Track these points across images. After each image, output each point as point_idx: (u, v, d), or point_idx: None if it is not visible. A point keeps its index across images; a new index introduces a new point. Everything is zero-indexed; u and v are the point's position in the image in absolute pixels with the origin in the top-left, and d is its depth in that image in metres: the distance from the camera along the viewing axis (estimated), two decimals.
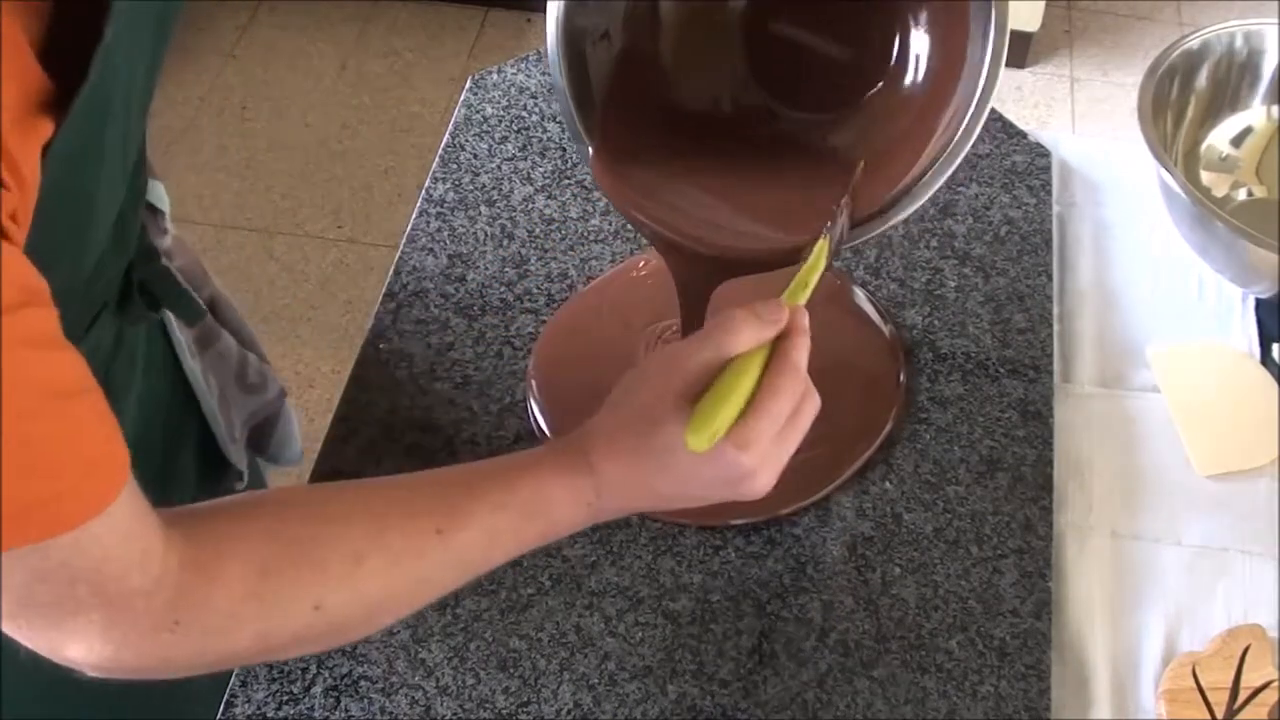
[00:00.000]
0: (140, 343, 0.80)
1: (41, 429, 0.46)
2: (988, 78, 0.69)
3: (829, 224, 0.70)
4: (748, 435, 0.61)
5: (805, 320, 0.64)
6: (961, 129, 0.70)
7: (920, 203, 0.72)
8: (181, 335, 0.85)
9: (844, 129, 0.77)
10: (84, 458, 0.49)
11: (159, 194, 0.83)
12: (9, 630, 0.53)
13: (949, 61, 0.72)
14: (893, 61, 0.76)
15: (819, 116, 0.78)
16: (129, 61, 0.55)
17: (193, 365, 0.86)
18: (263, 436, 0.97)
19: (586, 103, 0.75)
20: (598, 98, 0.75)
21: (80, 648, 0.53)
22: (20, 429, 0.45)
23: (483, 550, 0.62)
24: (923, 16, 0.75)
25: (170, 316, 0.83)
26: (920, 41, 0.75)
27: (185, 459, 0.88)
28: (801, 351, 0.63)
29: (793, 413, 0.63)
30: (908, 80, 0.76)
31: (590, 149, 0.75)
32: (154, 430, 0.83)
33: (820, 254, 0.69)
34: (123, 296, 0.75)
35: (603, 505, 0.64)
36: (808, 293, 0.67)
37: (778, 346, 0.63)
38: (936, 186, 0.71)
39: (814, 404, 0.64)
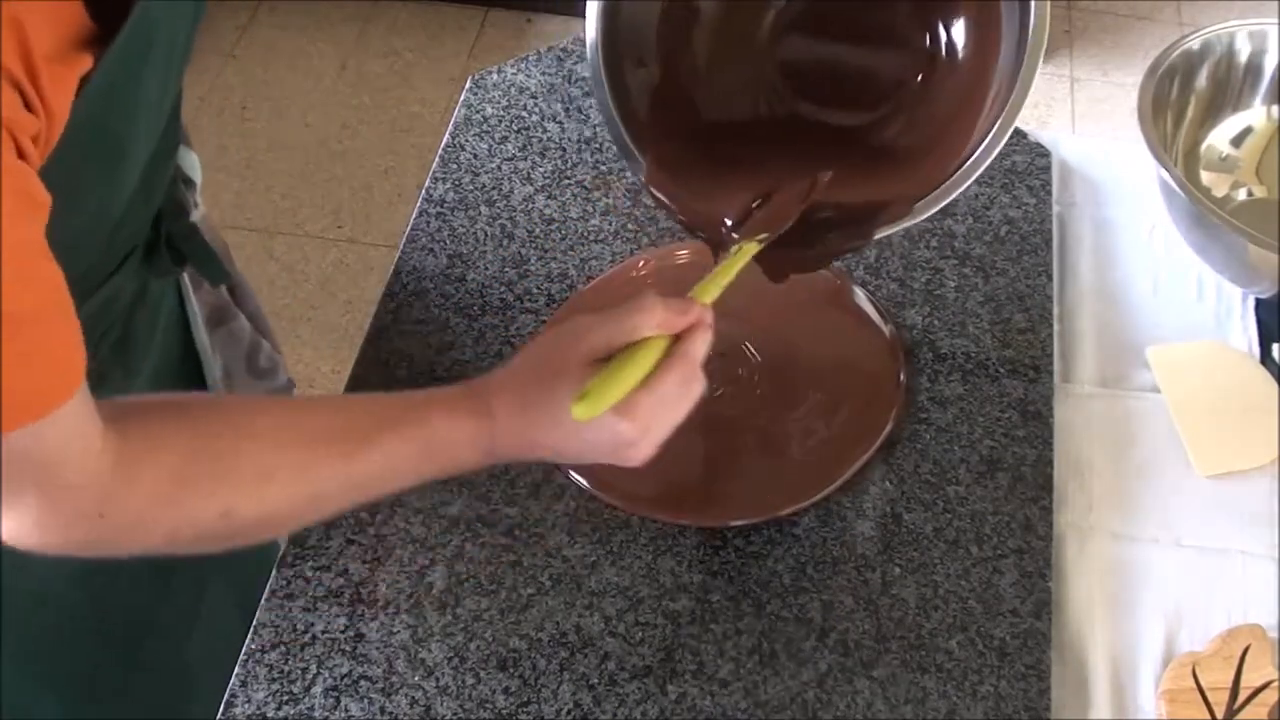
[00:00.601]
0: (162, 302, 0.83)
1: (24, 332, 0.50)
2: (1025, 72, 0.70)
3: (754, 228, 0.71)
4: (632, 407, 0.64)
5: (710, 317, 0.68)
6: (997, 125, 0.72)
7: (952, 197, 0.74)
8: (197, 307, 0.87)
9: (885, 125, 0.79)
10: (53, 357, 0.53)
11: (192, 163, 0.85)
12: None
13: (984, 57, 0.72)
14: (927, 58, 0.77)
15: (857, 116, 0.79)
16: (169, 15, 0.60)
17: (203, 338, 0.87)
18: None
19: (631, 121, 0.77)
20: (643, 116, 0.76)
21: (13, 525, 0.58)
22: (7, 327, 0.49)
23: (382, 478, 0.67)
24: (956, 12, 0.75)
25: (188, 289, 0.85)
26: (955, 37, 0.75)
27: None
28: (700, 345, 0.67)
29: (677, 396, 0.66)
30: (944, 76, 0.76)
31: (643, 164, 0.76)
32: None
33: (739, 256, 0.71)
34: (150, 249, 0.79)
35: (496, 449, 0.68)
36: (718, 291, 0.70)
37: (679, 337, 0.66)
38: (971, 180, 0.73)
39: (698, 390, 0.67)
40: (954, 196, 0.74)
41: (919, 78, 0.78)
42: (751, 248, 0.71)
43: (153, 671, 0.94)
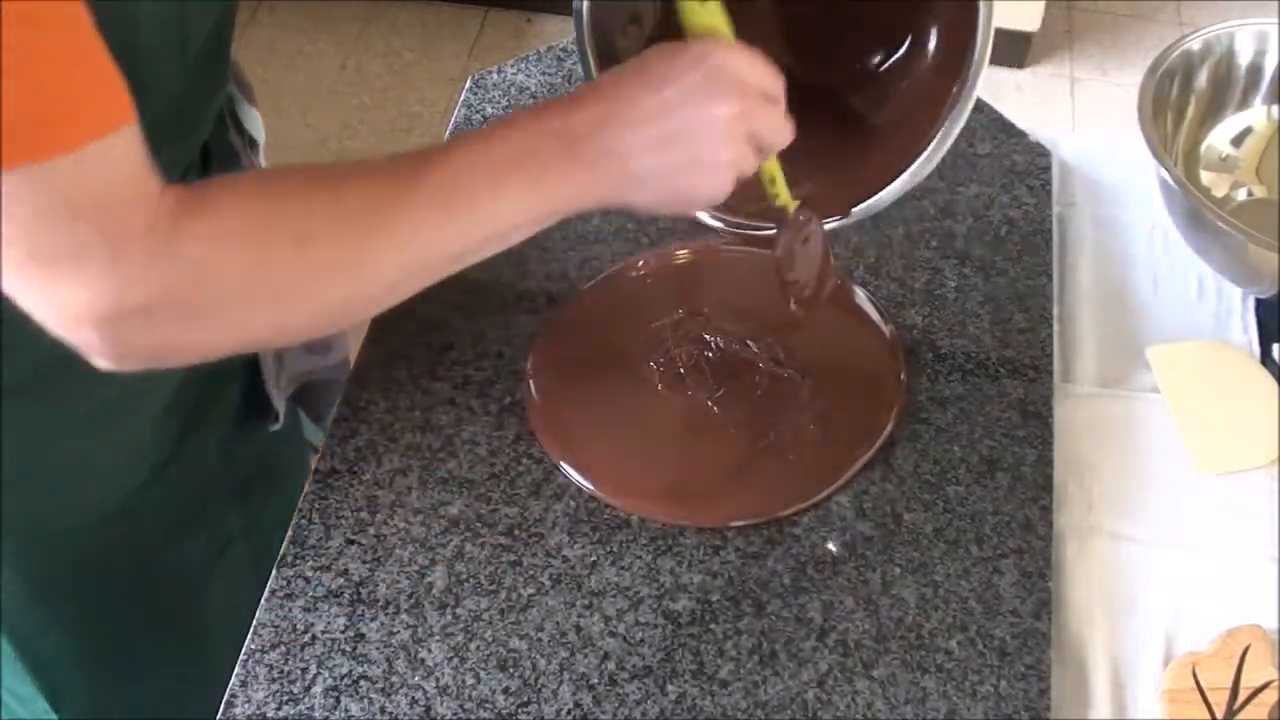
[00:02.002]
0: None
1: (52, 41, 0.48)
2: (981, 40, 0.71)
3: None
4: (722, 42, 0.64)
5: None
6: (960, 99, 0.73)
7: (932, 166, 0.74)
8: None
9: (865, 94, 0.79)
10: (93, 78, 0.51)
11: (255, 122, 0.86)
12: (20, 288, 0.55)
13: (963, 30, 0.72)
14: (912, 29, 0.77)
15: (843, 81, 0.79)
16: None
17: None
18: (318, 400, 0.98)
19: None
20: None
21: (86, 292, 0.54)
22: (30, 38, 0.47)
23: (461, 186, 0.63)
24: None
25: None
26: (938, 10, 0.76)
27: (230, 391, 0.90)
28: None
29: (772, 98, 0.66)
30: (927, 47, 0.77)
31: None
32: None
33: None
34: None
35: (573, 125, 0.64)
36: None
37: None
38: (944, 151, 0.74)
39: (788, 124, 0.67)
40: (909, 183, 0.75)
41: (899, 50, 0.78)
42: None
43: (166, 623, 0.94)
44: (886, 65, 0.79)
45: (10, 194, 0.50)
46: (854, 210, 0.78)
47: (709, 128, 0.64)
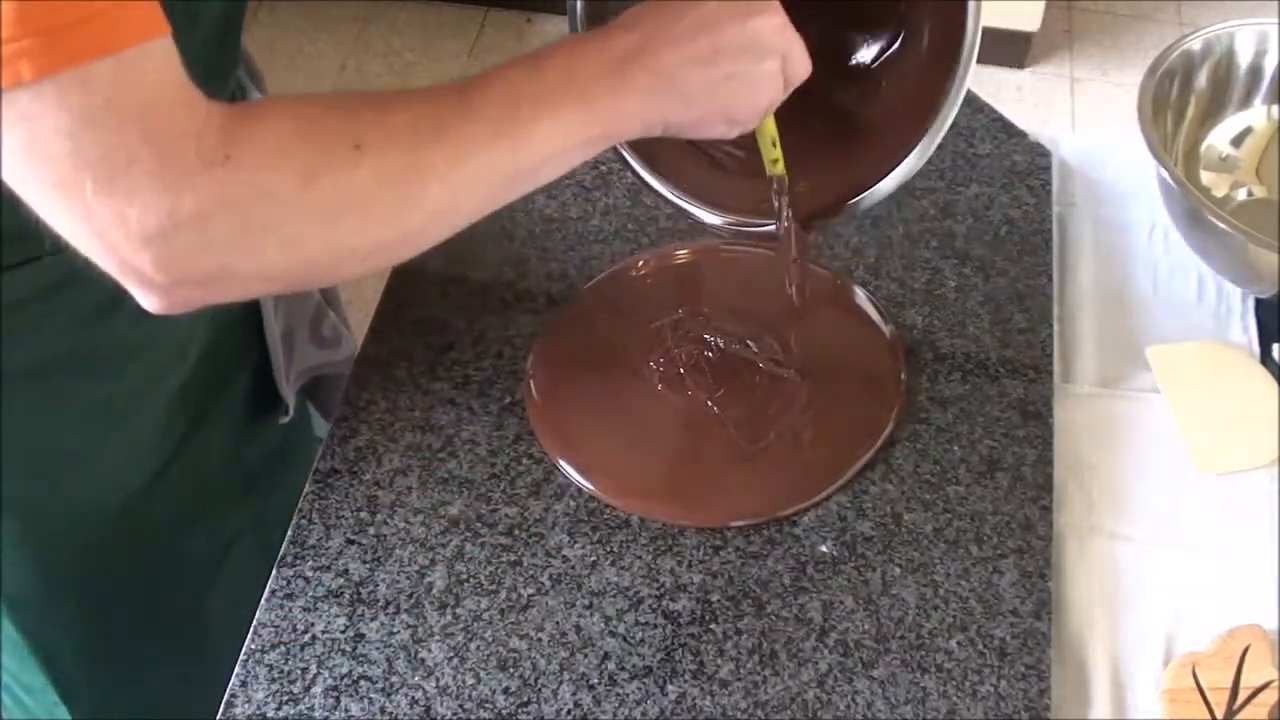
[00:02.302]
0: None
1: None
2: (971, 33, 0.72)
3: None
4: None
5: None
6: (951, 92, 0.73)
7: (923, 161, 0.75)
8: None
9: (857, 90, 0.79)
10: None
11: None
12: (66, 210, 0.52)
13: (954, 23, 0.73)
14: (903, 24, 0.77)
15: (834, 78, 0.79)
16: None
17: (267, 295, 0.87)
18: (329, 396, 0.99)
19: None
20: None
21: (135, 206, 0.52)
22: None
23: (507, 105, 0.61)
24: None
25: None
26: (928, 4, 0.76)
27: (240, 379, 0.91)
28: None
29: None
30: (918, 41, 0.77)
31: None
32: (220, 342, 0.86)
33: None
34: None
35: (617, 46, 0.64)
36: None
37: None
38: (935, 146, 0.74)
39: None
40: (903, 176, 0.75)
41: (890, 46, 0.78)
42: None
43: (173, 617, 0.95)
44: (878, 61, 0.79)
45: (52, 102, 0.49)
46: (847, 206, 0.77)
47: (751, 41, 0.65)
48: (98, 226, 0.52)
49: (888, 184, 0.76)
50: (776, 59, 0.66)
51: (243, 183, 0.54)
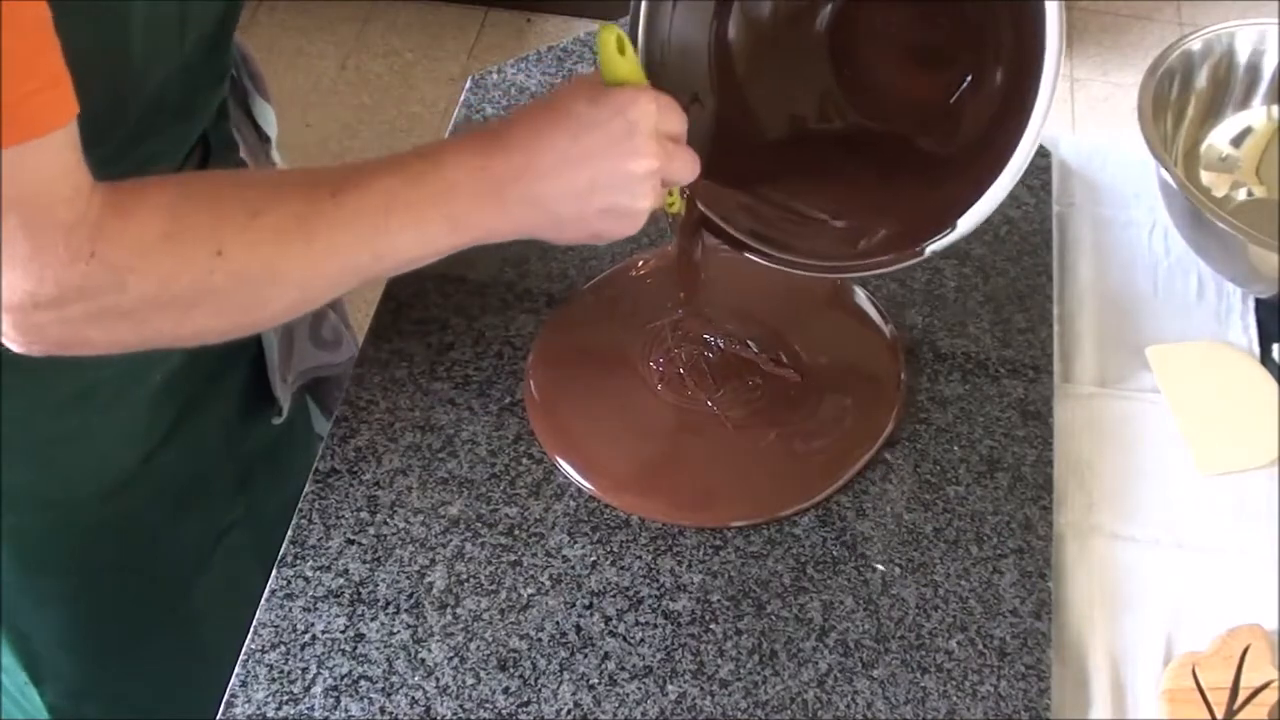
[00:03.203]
0: None
1: (12, 41, 0.50)
2: (1052, 71, 0.70)
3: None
4: (651, 91, 0.67)
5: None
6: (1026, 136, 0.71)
7: (1005, 195, 0.72)
8: None
9: (933, 132, 0.79)
10: (37, 78, 0.53)
11: (268, 117, 0.86)
12: None
13: (1027, 61, 0.71)
14: (974, 62, 0.77)
15: (909, 122, 0.80)
16: None
17: None
18: (331, 394, 0.99)
19: None
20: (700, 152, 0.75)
21: (3, 281, 0.57)
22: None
23: (378, 215, 0.64)
24: (1003, 19, 0.75)
25: None
26: (1001, 42, 0.75)
27: (233, 377, 0.91)
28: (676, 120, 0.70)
29: (679, 141, 0.70)
30: (992, 81, 0.76)
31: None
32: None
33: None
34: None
35: (496, 168, 0.66)
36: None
37: None
38: (1018, 178, 0.72)
39: (696, 160, 0.71)
40: (987, 212, 0.73)
41: (959, 91, 0.78)
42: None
43: (159, 605, 0.95)
44: (951, 101, 0.79)
45: None
46: (929, 248, 0.76)
47: (628, 180, 0.67)
48: None
49: (971, 220, 0.73)
50: (651, 195, 0.68)
51: (104, 278, 0.59)
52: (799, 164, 0.82)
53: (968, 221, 0.73)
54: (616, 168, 0.66)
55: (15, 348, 0.61)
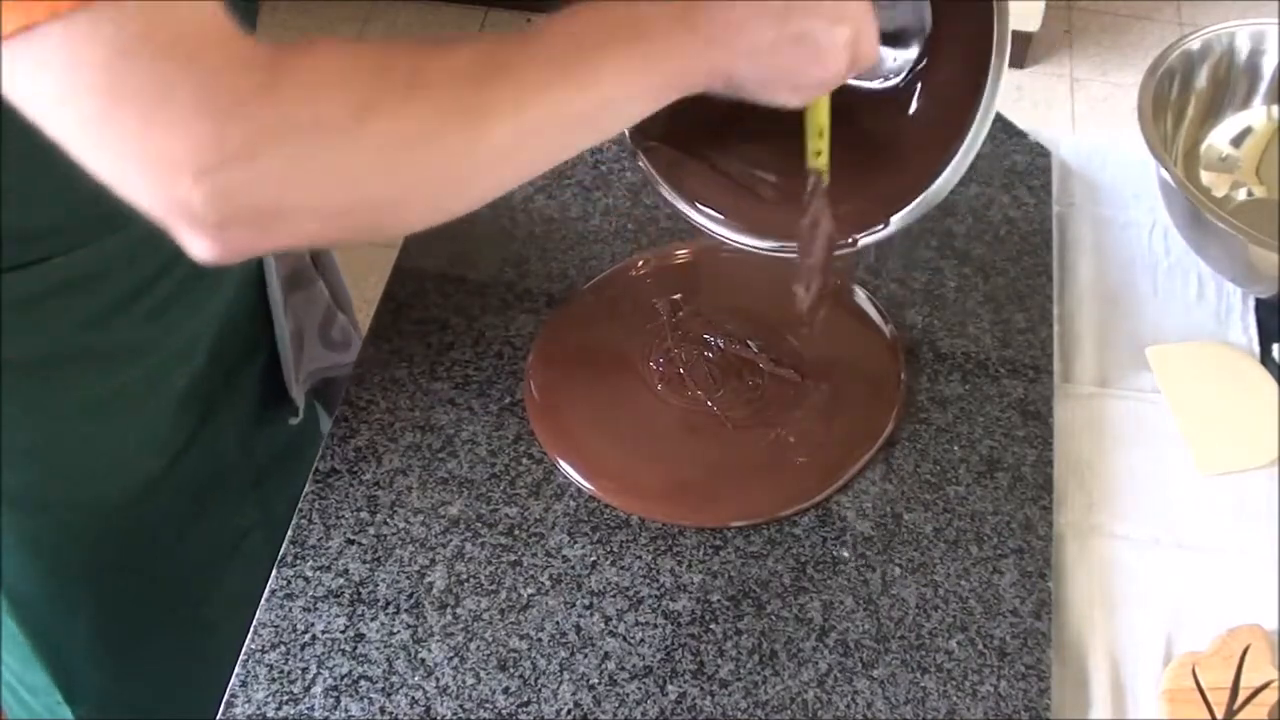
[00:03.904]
0: None
1: None
2: (998, 43, 0.71)
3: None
4: None
5: None
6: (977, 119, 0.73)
7: (964, 171, 0.73)
8: (273, 259, 0.87)
9: (887, 110, 0.78)
10: None
11: None
12: (107, 146, 0.49)
13: (979, 36, 0.72)
14: (930, 44, 0.77)
15: (864, 100, 0.79)
16: None
17: (276, 294, 0.88)
18: (337, 398, 0.99)
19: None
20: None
21: (180, 137, 0.48)
22: None
23: (570, 44, 0.60)
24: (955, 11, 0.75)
25: None
26: (953, 21, 0.76)
27: (249, 378, 0.91)
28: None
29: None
30: (946, 60, 0.76)
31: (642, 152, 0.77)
32: (229, 341, 0.86)
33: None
34: None
35: (695, 14, 0.61)
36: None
37: None
38: (973, 155, 0.73)
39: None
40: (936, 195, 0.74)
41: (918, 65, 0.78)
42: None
43: (180, 612, 0.95)
44: (906, 81, 0.78)
45: (86, 35, 0.47)
46: (893, 219, 0.76)
47: (828, 6, 0.63)
48: (141, 163, 0.49)
49: (931, 195, 0.74)
50: (848, 29, 0.64)
51: (293, 112, 0.50)
52: (753, 129, 0.81)
53: (899, 219, 0.74)
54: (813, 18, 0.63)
55: (208, 243, 0.52)
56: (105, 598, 0.89)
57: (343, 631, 0.76)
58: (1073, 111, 2.38)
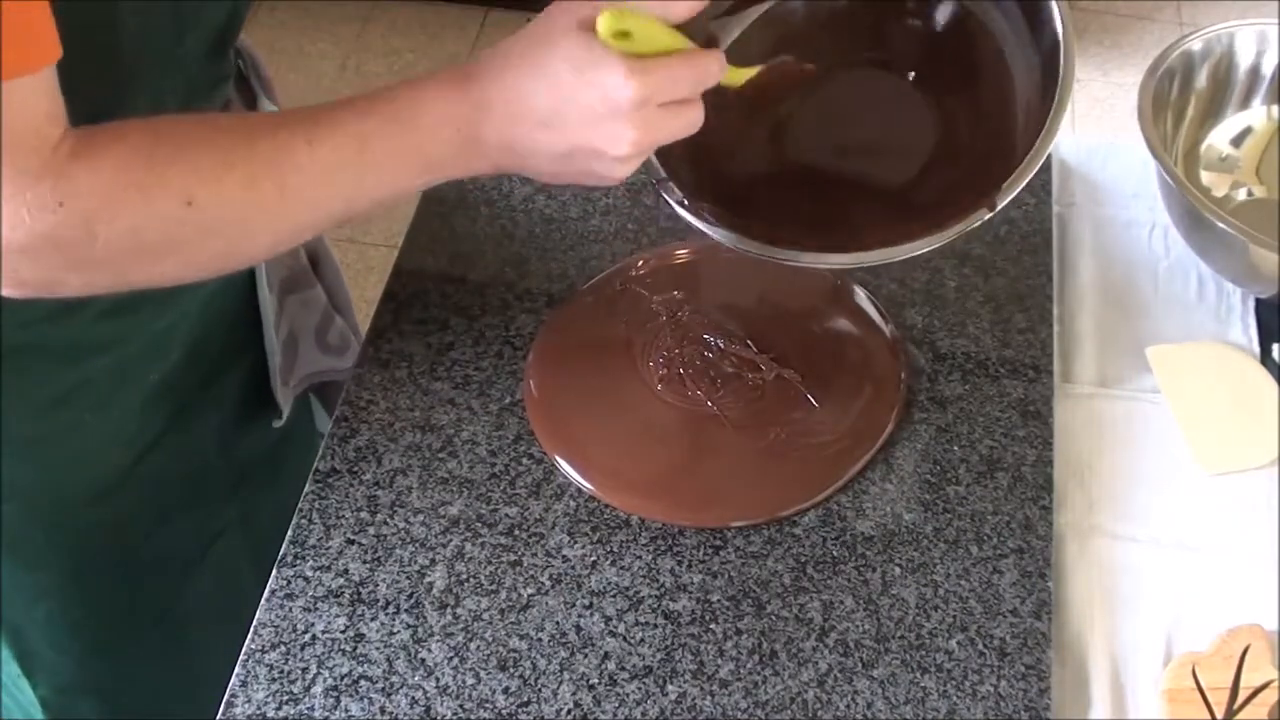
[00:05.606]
0: None
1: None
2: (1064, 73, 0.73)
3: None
4: (645, 66, 0.61)
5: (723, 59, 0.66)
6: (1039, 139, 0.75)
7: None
8: (263, 264, 0.88)
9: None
10: (14, 21, 0.52)
11: None
12: None
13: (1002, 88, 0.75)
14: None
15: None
16: None
17: (265, 294, 0.87)
18: (336, 397, 0.99)
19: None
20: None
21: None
22: None
23: (353, 160, 0.63)
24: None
25: None
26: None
27: (232, 380, 0.91)
28: (715, 65, 0.65)
29: (687, 84, 0.64)
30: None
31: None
32: (210, 340, 0.86)
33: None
34: None
35: (476, 125, 0.64)
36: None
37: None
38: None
39: (698, 115, 0.65)
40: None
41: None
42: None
43: (151, 605, 0.95)
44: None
45: None
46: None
47: (605, 158, 0.64)
48: None
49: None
50: (629, 166, 0.65)
51: (72, 228, 0.58)
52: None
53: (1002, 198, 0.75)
54: (595, 147, 0.64)
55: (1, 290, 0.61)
56: (72, 587, 0.89)
57: (343, 631, 0.76)
58: (1073, 111, 2.38)
